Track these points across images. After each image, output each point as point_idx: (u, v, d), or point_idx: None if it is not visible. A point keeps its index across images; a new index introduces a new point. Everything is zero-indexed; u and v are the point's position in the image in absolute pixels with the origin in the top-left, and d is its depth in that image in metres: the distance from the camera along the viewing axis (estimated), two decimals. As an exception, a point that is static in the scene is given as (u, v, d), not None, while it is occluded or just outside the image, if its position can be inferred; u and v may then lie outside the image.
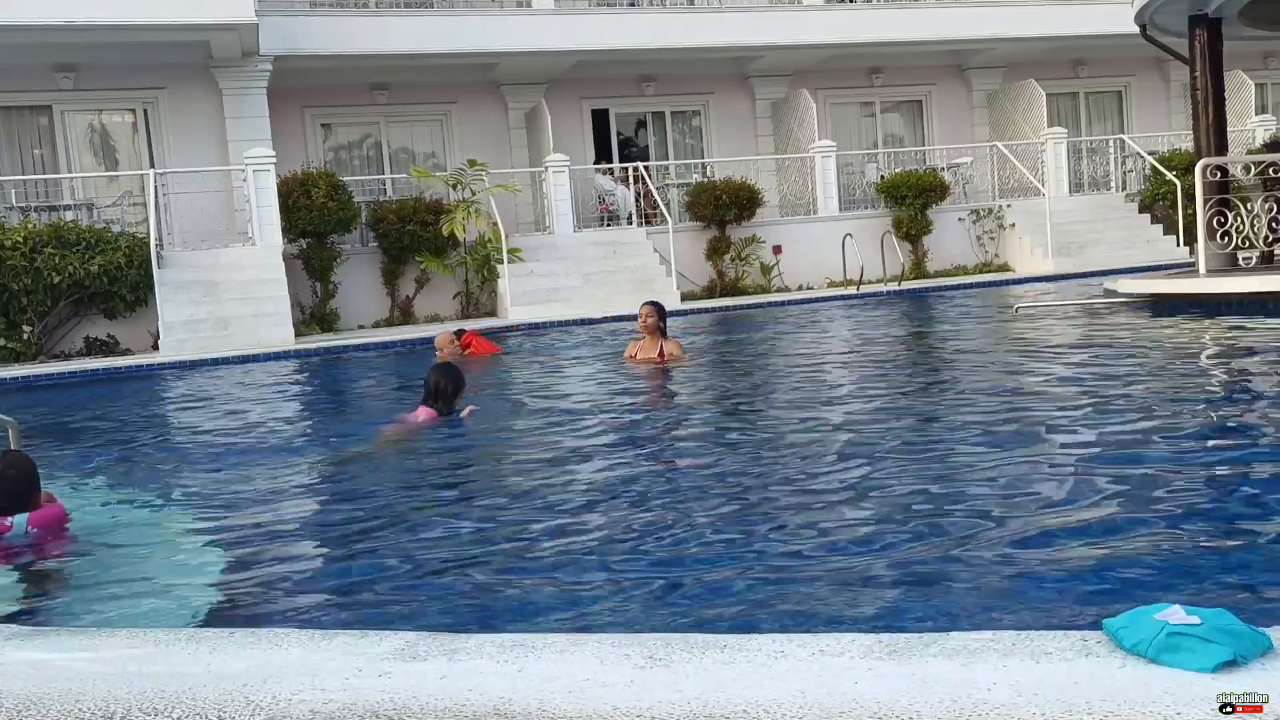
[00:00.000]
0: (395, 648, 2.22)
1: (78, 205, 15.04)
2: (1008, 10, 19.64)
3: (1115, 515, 3.50)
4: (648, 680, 1.94)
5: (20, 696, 2.03)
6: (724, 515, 3.90)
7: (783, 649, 2.06)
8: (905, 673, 1.88)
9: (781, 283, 17.54)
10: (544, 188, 17.30)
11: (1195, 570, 3.01)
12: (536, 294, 15.44)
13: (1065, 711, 1.67)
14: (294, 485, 5.29)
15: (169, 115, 16.53)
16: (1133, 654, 1.89)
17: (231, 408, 8.71)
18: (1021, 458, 4.52)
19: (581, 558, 3.47)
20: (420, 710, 1.86)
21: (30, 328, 13.21)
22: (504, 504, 4.41)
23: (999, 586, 2.90)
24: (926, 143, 21.25)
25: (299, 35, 16.39)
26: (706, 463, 5.00)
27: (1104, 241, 18.04)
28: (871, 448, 4.94)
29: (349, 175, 17.02)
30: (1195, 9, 11.40)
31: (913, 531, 3.48)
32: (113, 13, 14.07)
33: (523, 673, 2.02)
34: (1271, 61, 22.71)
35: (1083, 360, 7.85)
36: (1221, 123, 11.58)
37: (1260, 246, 10.49)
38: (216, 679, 2.08)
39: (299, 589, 3.41)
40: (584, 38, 17.77)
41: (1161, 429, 4.94)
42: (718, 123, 20.41)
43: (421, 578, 3.41)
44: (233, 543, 4.03)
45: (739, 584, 3.08)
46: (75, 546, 4.15)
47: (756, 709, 1.76)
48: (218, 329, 13.34)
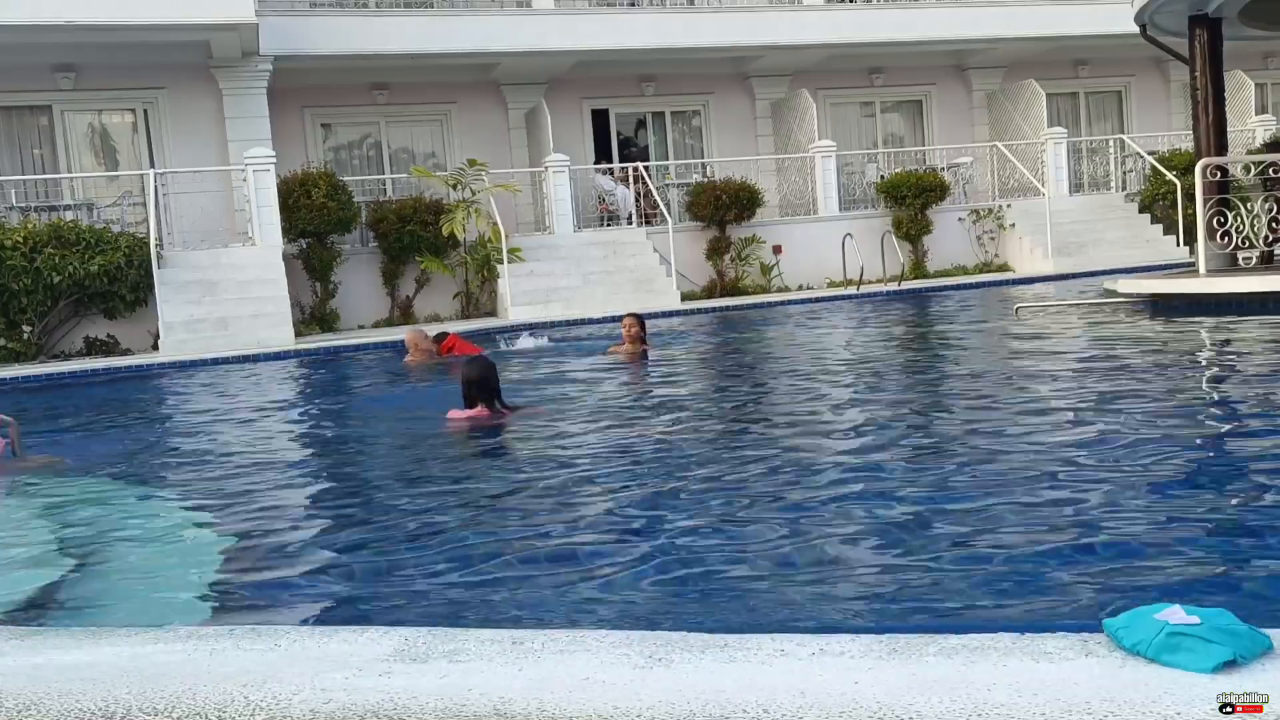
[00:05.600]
0: (395, 648, 2.22)
1: (78, 205, 15.04)
2: (1008, 10, 19.64)
3: (1115, 515, 3.50)
4: (648, 680, 1.94)
5: (20, 696, 2.03)
6: (724, 515, 3.90)
7: (783, 649, 2.06)
8: (905, 673, 1.88)
9: (781, 283, 17.54)
10: (544, 188, 17.30)
11: (1195, 570, 3.01)
12: (536, 294, 15.45)
13: (1065, 711, 1.67)
14: (294, 485, 5.29)
15: (169, 115, 16.53)
16: (1133, 654, 1.89)
17: (231, 407, 8.71)
18: (1021, 457, 4.52)
19: (582, 557, 3.46)
20: (420, 710, 1.86)
21: (30, 328, 13.21)
22: (504, 503, 4.41)
23: (999, 586, 2.90)
24: (926, 143, 21.25)
25: (299, 35, 16.38)
26: (707, 462, 5.00)
27: (1104, 241, 18.05)
28: (871, 448, 4.95)
29: (349, 175, 17.03)
30: (1195, 9, 11.40)
31: (912, 531, 3.48)
32: (113, 13, 14.07)
33: (522, 673, 2.02)
34: (1271, 61, 22.71)
35: (1082, 360, 7.85)
36: (1221, 123, 11.58)
37: (1260, 246, 10.49)
38: (216, 679, 2.07)
39: (299, 589, 3.40)
40: (584, 38, 17.77)
41: (1161, 429, 4.95)
42: (718, 123, 20.41)
43: (421, 577, 3.41)
44: (233, 542, 4.03)
45: (739, 584, 3.08)
46: (76, 546, 4.15)
47: (756, 709, 1.76)
48: (218, 329, 13.35)
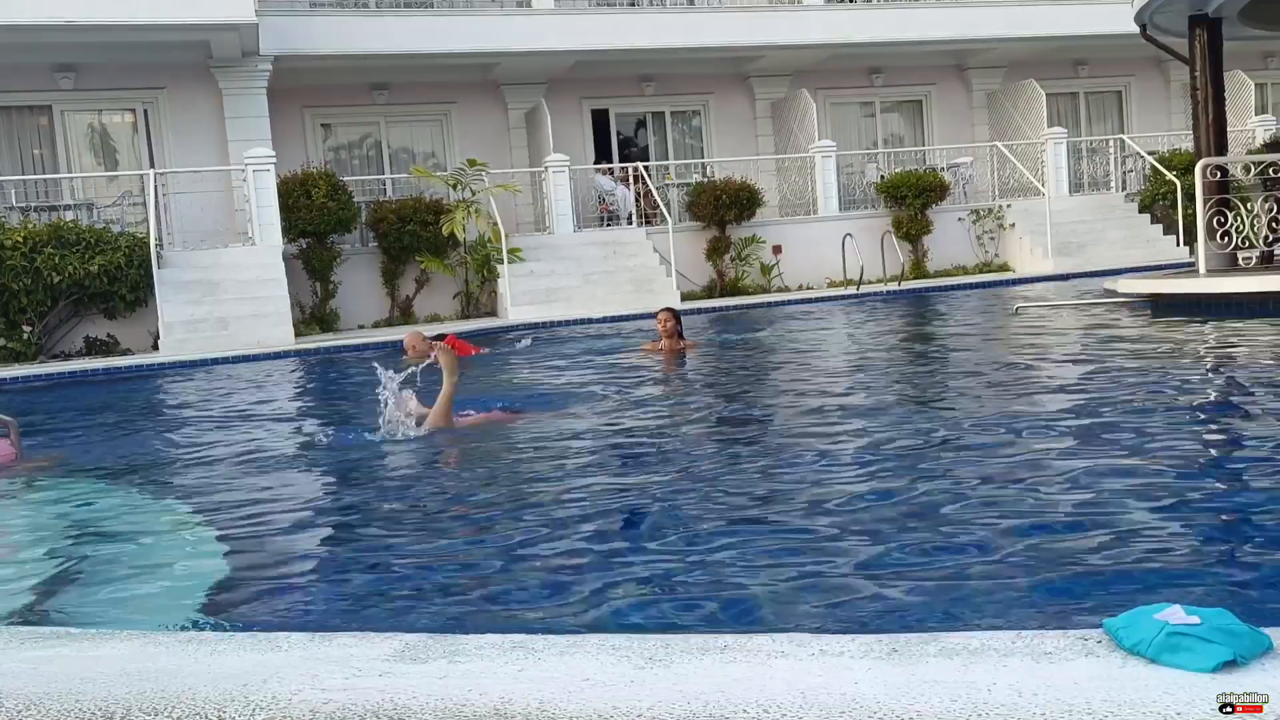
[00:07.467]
0: (395, 648, 2.22)
1: (78, 205, 15.04)
2: (1008, 10, 19.64)
3: (1115, 515, 3.50)
4: (648, 680, 1.94)
5: (20, 696, 2.03)
6: (724, 515, 3.90)
7: (783, 649, 2.06)
8: (905, 673, 1.88)
9: (781, 283, 17.55)
10: (544, 188, 17.30)
11: (1195, 570, 3.01)
12: (536, 294, 15.46)
13: (1065, 711, 1.67)
14: (294, 485, 5.29)
15: (169, 115, 16.53)
16: (1133, 654, 1.89)
17: (231, 407, 8.71)
18: (1021, 457, 4.52)
19: (582, 557, 3.46)
20: (420, 710, 1.85)
21: (30, 328, 13.21)
22: (504, 503, 4.41)
23: (999, 586, 2.90)
24: (926, 143, 21.25)
25: (299, 35, 16.38)
26: (707, 462, 5.00)
27: (1104, 241, 18.05)
28: (870, 448, 4.94)
29: (349, 175, 17.03)
30: (1195, 9, 11.39)
31: (912, 531, 3.48)
32: (113, 13, 14.08)
33: (523, 673, 2.02)
34: (1271, 61, 22.71)
35: (1082, 360, 7.85)
36: (1221, 123, 11.58)
37: (1260, 246, 10.48)
38: (216, 679, 2.07)
39: (299, 589, 3.40)
40: (583, 38, 17.77)
41: (1161, 429, 4.94)
42: (718, 123, 20.41)
43: (422, 578, 3.41)
44: (233, 542, 4.03)
45: (739, 584, 3.08)
46: (76, 546, 4.15)
47: (756, 709, 1.76)
48: (218, 329, 13.35)
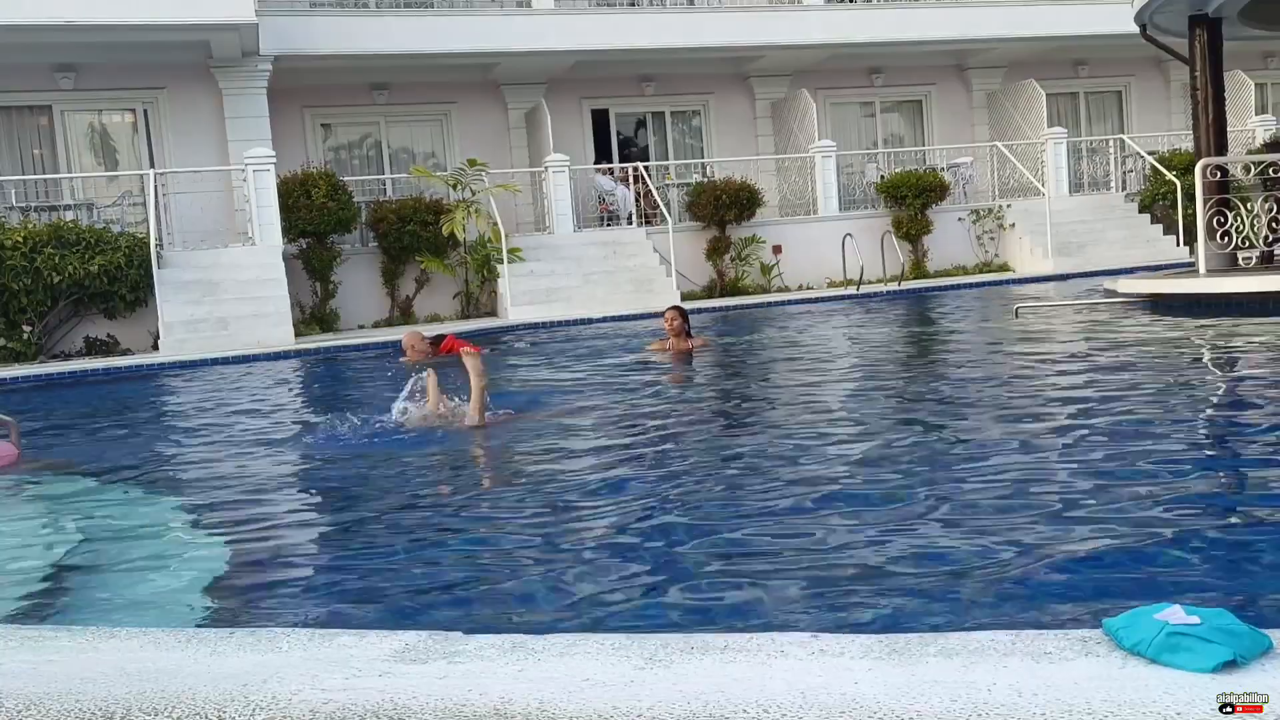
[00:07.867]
0: (395, 648, 2.22)
1: (78, 205, 15.04)
2: (1008, 10, 19.63)
3: (1115, 515, 3.49)
4: (648, 680, 1.94)
5: (20, 696, 2.03)
6: (724, 515, 3.90)
7: (783, 649, 2.06)
8: (905, 673, 1.88)
9: (781, 283, 17.54)
10: (544, 188, 17.30)
11: (1195, 570, 3.01)
12: (536, 294, 15.45)
13: (1065, 711, 1.67)
14: (295, 485, 5.29)
15: (169, 115, 16.53)
16: (1133, 654, 1.89)
17: (231, 407, 8.71)
18: (1021, 457, 4.51)
19: (582, 557, 3.46)
20: (420, 710, 1.85)
21: (30, 328, 13.20)
22: (505, 503, 4.41)
23: (999, 586, 2.90)
24: (926, 143, 21.24)
25: (299, 35, 16.38)
26: (707, 462, 5.00)
27: (1104, 241, 18.05)
28: (871, 448, 4.94)
29: (349, 175, 17.02)
30: (1195, 9, 11.40)
31: (912, 531, 3.48)
32: (113, 13, 14.08)
33: (523, 673, 2.02)
34: (1271, 61, 22.70)
35: (1082, 360, 7.85)
36: (1221, 123, 11.58)
37: (1260, 246, 10.49)
38: (216, 679, 2.07)
39: (299, 589, 3.40)
40: (583, 38, 17.77)
41: (1161, 429, 4.94)
42: (718, 123, 20.41)
43: (422, 578, 3.41)
44: (233, 542, 4.03)
45: (739, 584, 3.08)
46: (76, 546, 4.15)
47: (756, 709, 1.76)
48: (218, 329, 13.35)
